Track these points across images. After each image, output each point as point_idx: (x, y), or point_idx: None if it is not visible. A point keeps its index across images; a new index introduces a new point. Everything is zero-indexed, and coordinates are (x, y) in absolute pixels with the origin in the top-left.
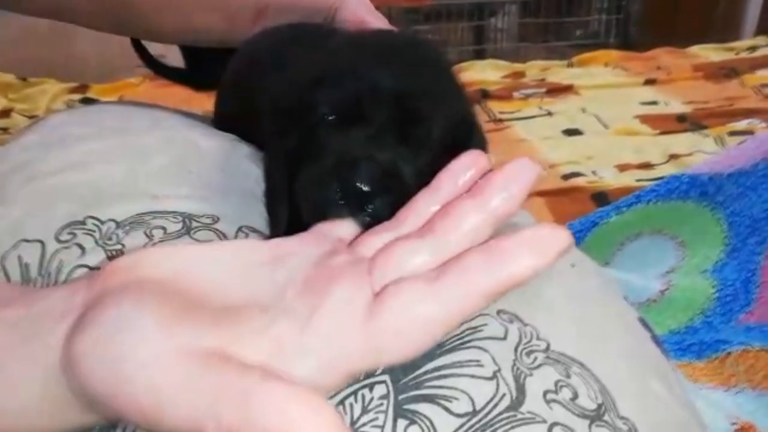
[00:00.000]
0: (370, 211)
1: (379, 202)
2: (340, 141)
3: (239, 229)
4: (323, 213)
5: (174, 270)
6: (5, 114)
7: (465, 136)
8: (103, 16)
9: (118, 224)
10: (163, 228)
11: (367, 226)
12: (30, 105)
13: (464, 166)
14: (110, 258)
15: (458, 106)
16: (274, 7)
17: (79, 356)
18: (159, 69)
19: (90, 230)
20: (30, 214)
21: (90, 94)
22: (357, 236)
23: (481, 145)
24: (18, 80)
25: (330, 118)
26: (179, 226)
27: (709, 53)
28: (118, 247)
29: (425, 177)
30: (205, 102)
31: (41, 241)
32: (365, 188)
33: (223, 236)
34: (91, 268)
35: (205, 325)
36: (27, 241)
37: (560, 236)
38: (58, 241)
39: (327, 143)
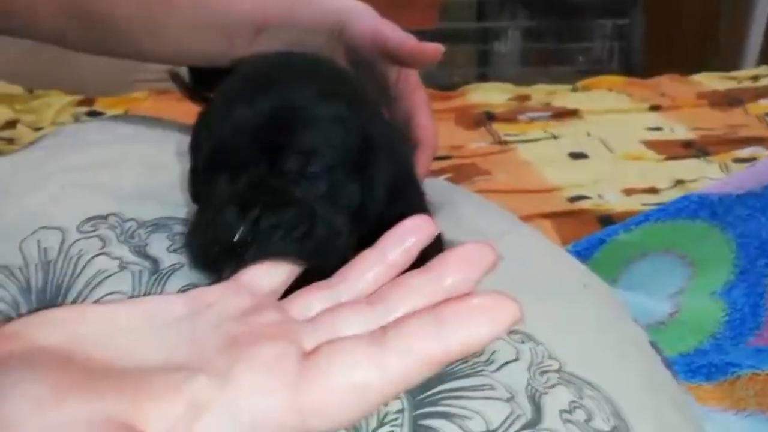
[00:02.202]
0: (256, 254)
1: (262, 241)
2: (211, 190)
3: None
4: (215, 271)
5: (74, 336)
6: (11, 125)
7: (373, 149)
8: (92, 41)
9: (140, 224)
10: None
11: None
12: (36, 117)
13: (409, 231)
14: (134, 253)
15: (349, 120)
16: (274, 24)
17: None
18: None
19: (112, 226)
20: (51, 205)
21: (96, 107)
22: (287, 293)
23: (399, 152)
24: (24, 92)
25: (201, 166)
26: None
27: (712, 81)
28: (143, 244)
29: (330, 203)
30: None
31: (61, 229)
32: (235, 236)
33: None
34: (114, 258)
35: (109, 392)
36: (47, 228)
37: (512, 306)
38: (80, 231)
39: (204, 194)
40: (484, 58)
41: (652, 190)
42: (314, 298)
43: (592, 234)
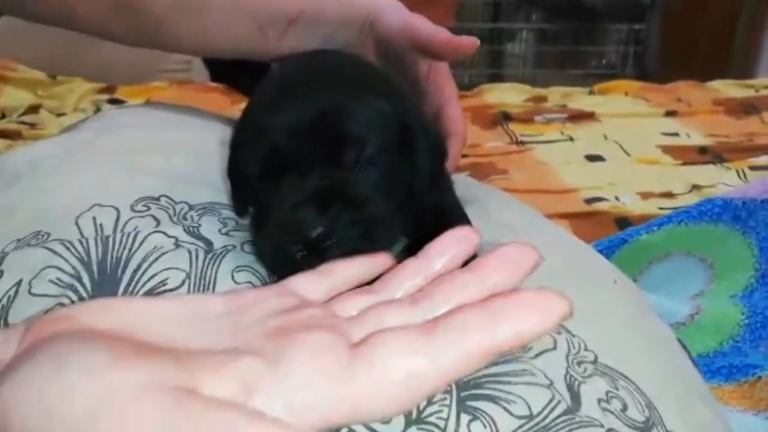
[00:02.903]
0: (335, 250)
1: (340, 237)
2: (275, 195)
3: None
4: (294, 270)
5: (122, 323)
6: (34, 110)
7: (413, 138)
8: (130, 30)
9: (190, 207)
10: (235, 220)
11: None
12: (58, 102)
13: (454, 242)
14: (187, 232)
15: (389, 112)
16: (306, 18)
17: (10, 401)
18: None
19: (164, 207)
20: (103, 185)
21: (117, 95)
22: (331, 298)
23: (435, 141)
24: (47, 78)
25: (257, 173)
26: (248, 221)
27: (728, 89)
28: (196, 225)
29: (386, 189)
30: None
31: (116, 208)
32: (315, 235)
33: None
34: (169, 236)
35: (166, 361)
36: (101, 206)
37: (562, 302)
38: (133, 210)
39: (265, 201)
40: (496, 59)
41: (669, 195)
42: (357, 301)
43: (613, 234)
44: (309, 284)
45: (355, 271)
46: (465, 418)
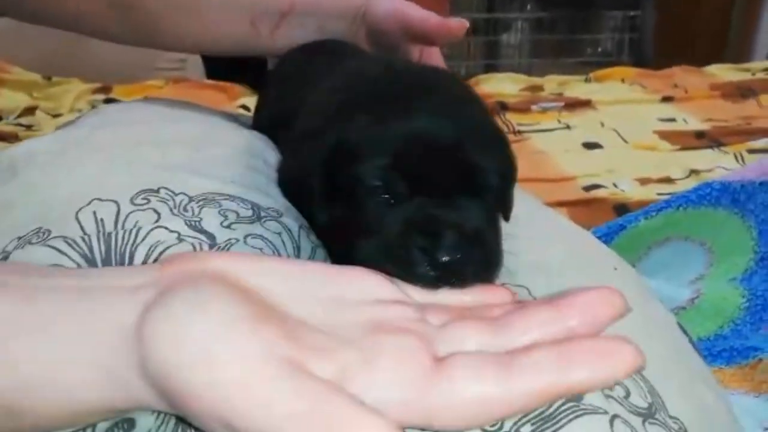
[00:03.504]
0: (462, 280)
1: (472, 268)
2: (403, 209)
3: (300, 226)
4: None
5: (248, 272)
6: (30, 111)
7: (510, 176)
8: (127, 29)
9: (190, 198)
10: (236, 212)
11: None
12: (54, 104)
13: (600, 304)
14: (189, 226)
15: (503, 146)
16: (298, 10)
17: (153, 332)
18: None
19: (164, 199)
20: (101, 178)
21: (113, 95)
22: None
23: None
24: (43, 79)
25: (379, 185)
26: (250, 212)
27: (725, 73)
28: (197, 219)
29: (491, 225)
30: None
31: (116, 201)
32: (453, 258)
33: (288, 230)
34: (171, 231)
35: (284, 333)
36: (101, 200)
37: (635, 355)
38: (133, 203)
39: (383, 214)
40: (492, 50)
41: (667, 180)
42: (449, 311)
43: (613, 220)
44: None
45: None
46: None
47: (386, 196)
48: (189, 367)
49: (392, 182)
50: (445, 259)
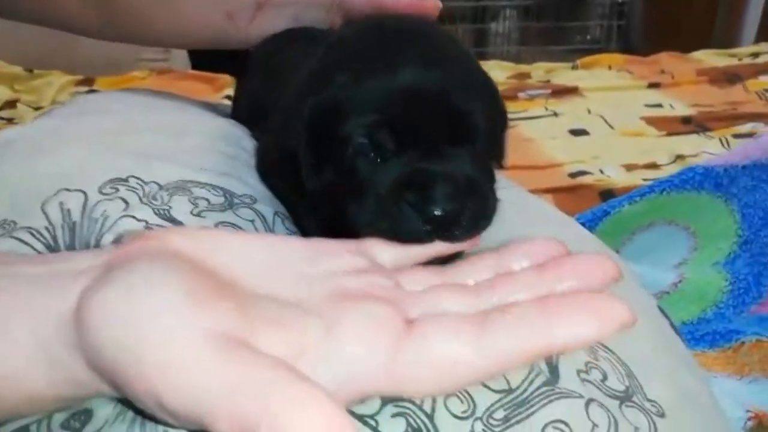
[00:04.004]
0: (457, 232)
1: (465, 219)
2: (392, 165)
3: (275, 213)
4: (407, 243)
5: (210, 249)
6: (11, 105)
7: (501, 122)
8: (103, 23)
9: (161, 187)
10: (207, 199)
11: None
12: (36, 96)
13: (543, 250)
14: (158, 215)
15: (491, 91)
16: (275, 1)
17: (90, 313)
18: None
19: (133, 188)
20: (70, 168)
21: (96, 87)
22: (401, 268)
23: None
24: (24, 72)
25: (366, 143)
26: (222, 200)
27: (712, 59)
28: (166, 207)
29: (484, 171)
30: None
31: (83, 192)
32: (445, 211)
33: (262, 217)
34: (139, 220)
35: (232, 309)
36: (68, 190)
37: (623, 309)
38: (101, 193)
39: (372, 173)
40: (481, 38)
41: (653, 166)
42: (424, 278)
43: (597, 206)
44: (387, 252)
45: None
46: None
47: (374, 154)
48: (121, 348)
49: (379, 139)
50: (437, 212)
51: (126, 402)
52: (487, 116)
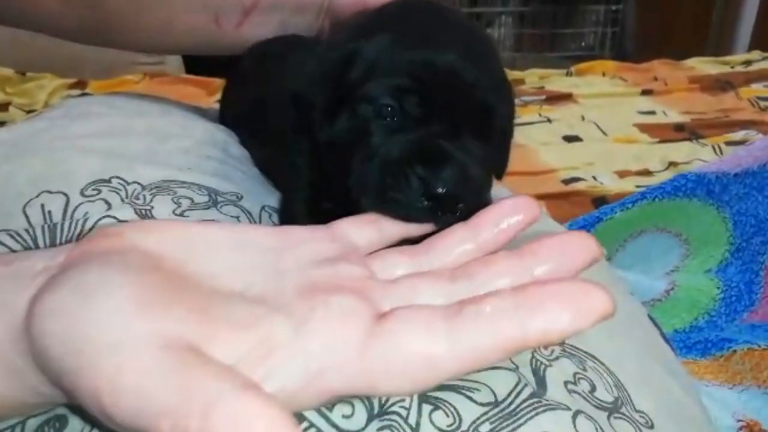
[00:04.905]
0: (451, 217)
1: (462, 208)
2: (409, 134)
3: (262, 208)
4: (401, 214)
5: (173, 244)
6: (3, 108)
7: (510, 125)
8: (88, 29)
9: (143, 187)
10: (190, 198)
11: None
12: (28, 99)
13: (511, 212)
14: (139, 215)
15: (512, 100)
16: (262, 6)
17: (39, 317)
18: None
19: (115, 188)
20: (53, 169)
21: (88, 90)
22: (375, 251)
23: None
24: (16, 75)
25: (391, 109)
26: (206, 198)
27: (705, 66)
28: (148, 207)
29: (488, 177)
30: (202, 100)
31: (65, 194)
32: (451, 191)
33: (248, 213)
34: (120, 221)
35: (186, 312)
36: (50, 192)
37: (603, 298)
38: (83, 195)
39: (387, 137)
40: None
41: (646, 172)
42: (399, 262)
43: (589, 213)
44: (358, 232)
45: (402, 229)
46: (427, 408)
47: (395, 118)
48: (66, 353)
49: (404, 104)
50: (441, 190)
51: None
52: (508, 121)
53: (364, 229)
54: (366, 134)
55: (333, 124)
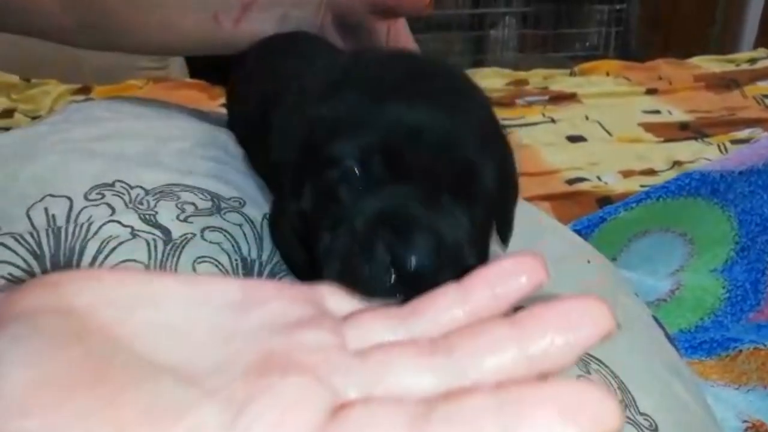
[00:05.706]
0: (425, 291)
1: (438, 283)
2: (377, 199)
3: (264, 216)
4: (366, 292)
5: (113, 299)
6: (8, 114)
7: (509, 189)
8: (88, 33)
9: (147, 191)
10: (194, 204)
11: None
12: (33, 106)
13: (511, 273)
14: (144, 221)
15: (504, 151)
16: (262, 1)
17: None
18: None
19: (119, 192)
20: (56, 174)
21: (93, 96)
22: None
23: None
24: (21, 81)
25: (357, 171)
26: (209, 204)
27: (709, 64)
28: (152, 213)
29: (478, 243)
30: (205, 104)
31: (69, 198)
32: (423, 266)
33: (251, 222)
34: (125, 225)
35: (97, 399)
36: (53, 196)
37: (608, 406)
38: (87, 199)
39: (353, 202)
40: (480, 45)
41: (651, 172)
42: (378, 327)
43: (593, 213)
44: (341, 299)
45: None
46: None
47: (360, 181)
48: None
49: (370, 165)
50: (410, 262)
51: None
52: (497, 178)
53: (346, 300)
54: (330, 201)
55: (300, 193)
